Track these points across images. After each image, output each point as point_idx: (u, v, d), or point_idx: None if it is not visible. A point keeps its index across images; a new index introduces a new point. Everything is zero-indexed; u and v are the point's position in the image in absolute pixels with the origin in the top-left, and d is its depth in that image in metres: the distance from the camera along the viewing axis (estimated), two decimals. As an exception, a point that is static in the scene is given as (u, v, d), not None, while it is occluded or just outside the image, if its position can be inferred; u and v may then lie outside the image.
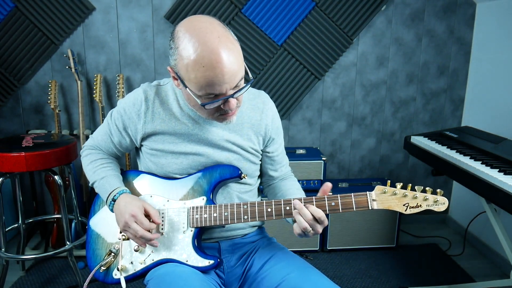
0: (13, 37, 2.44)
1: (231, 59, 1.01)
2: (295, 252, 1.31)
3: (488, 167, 1.58)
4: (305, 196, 1.17)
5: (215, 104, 1.07)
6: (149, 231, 1.14)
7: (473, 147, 1.84)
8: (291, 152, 2.49)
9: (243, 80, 1.08)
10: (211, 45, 0.99)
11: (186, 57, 1.01)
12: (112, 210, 1.19)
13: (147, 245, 1.17)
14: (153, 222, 1.15)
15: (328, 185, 1.12)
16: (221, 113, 1.11)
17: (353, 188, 2.52)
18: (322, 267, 2.39)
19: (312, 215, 1.08)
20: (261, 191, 1.43)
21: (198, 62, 0.99)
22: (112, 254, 1.20)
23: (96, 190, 1.27)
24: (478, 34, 2.71)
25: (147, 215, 1.15)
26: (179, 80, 1.08)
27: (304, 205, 1.09)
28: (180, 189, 1.23)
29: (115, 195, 1.18)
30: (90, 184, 1.29)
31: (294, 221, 1.13)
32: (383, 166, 2.94)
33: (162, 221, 1.20)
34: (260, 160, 1.34)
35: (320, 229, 1.10)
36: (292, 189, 1.32)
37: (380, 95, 2.80)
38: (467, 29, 2.74)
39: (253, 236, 1.33)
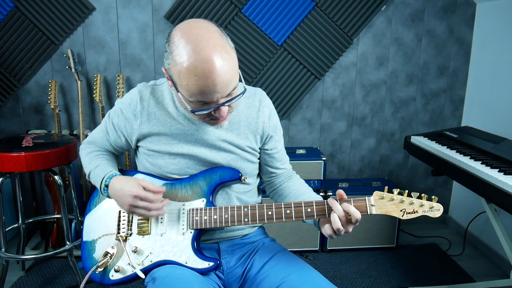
0: (13, 37, 2.44)
1: (225, 69, 0.99)
2: (295, 252, 1.32)
3: (488, 167, 1.58)
4: (321, 198, 1.18)
5: (205, 112, 1.06)
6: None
7: (473, 147, 1.84)
8: (291, 152, 2.49)
9: (236, 88, 1.07)
10: (205, 54, 0.98)
11: (179, 63, 1.00)
12: (109, 197, 1.20)
13: (146, 247, 1.17)
14: (156, 192, 1.14)
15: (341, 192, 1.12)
16: (212, 118, 1.11)
17: (353, 188, 2.52)
18: (322, 267, 2.39)
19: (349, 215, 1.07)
20: (261, 190, 1.42)
21: (191, 70, 0.98)
22: (109, 255, 1.18)
23: (92, 181, 1.27)
24: (478, 34, 2.71)
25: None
26: (171, 82, 1.08)
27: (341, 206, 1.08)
28: (179, 190, 1.22)
29: (106, 180, 1.18)
30: (87, 177, 1.29)
31: (316, 223, 1.17)
32: (383, 166, 2.94)
33: (161, 222, 1.19)
34: (259, 159, 1.33)
35: (351, 229, 1.10)
36: (304, 191, 1.31)
37: (380, 95, 2.80)
38: (467, 29, 2.74)
39: (253, 236, 1.33)
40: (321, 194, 2.43)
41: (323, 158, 2.43)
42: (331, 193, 2.42)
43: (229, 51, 1.02)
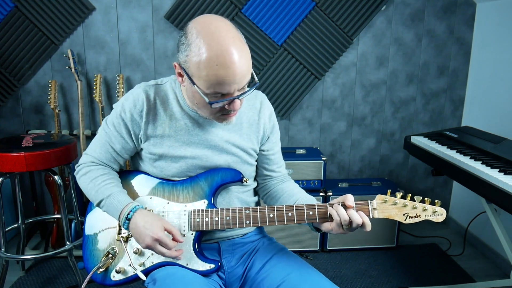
0: (13, 37, 2.44)
1: (243, 60, 1.02)
2: (295, 252, 1.31)
3: (488, 167, 1.58)
4: (316, 201, 1.18)
5: (222, 104, 1.07)
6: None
7: (473, 147, 1.84)
8: (291, 152, 2.49)
9: (247, 83, 1.09)
10: (226, 44, 1.00)
11: (199, 54, 1.01)
12: (127, 229, 1.14)
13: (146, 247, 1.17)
14: (175, 240, 1.12)
15: (349, 202, 1.10)
16: (223, 113, 1.11)
17: (353, 188, 2.52)
18: (322, 267, 2.39)
19: (350, 219, 1.08)
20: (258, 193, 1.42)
21: (212, 60, 0.99)
22: (110, 255, 1.18)
23: (103, 209, 1.20)
24: (478, 34, 2.71)
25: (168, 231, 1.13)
26: (185, 77, 1.08)
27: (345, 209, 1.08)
28: (180, 191, 1.22)
29: (128, 214, 1.13)
30: (95, 204, 1.21)
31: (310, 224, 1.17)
32: (383, 166, 2.94)
33: None
34: (256, 160, 1.34)
35: (349, 232, 1.11)
36: (297, 192, 1.31)
37: (380, 95, 2.80)
38: (467, 29, 2.74)
39: (252, 235, 1.33)
40: (321, 194, 2.43)
41: (323, 158, 2.43)
42: (331, 193, 2.42)
43: (245, 45, 1.05)
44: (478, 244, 2.64)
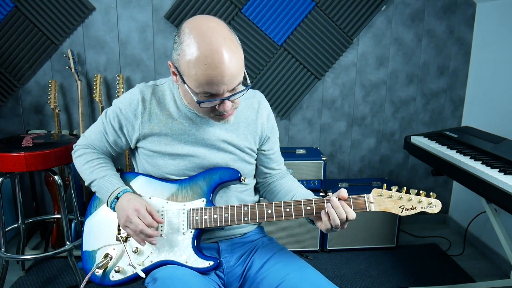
0: (13, 37, 2.44)
1: (233, 61, 1.02)
2: (295, 252, 1.32)
3: (488, 167, 1.58)
4: (314, 195, 1.19)
5: (211, 104, 1.08)
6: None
7: (473, 147, 1.84)
8: (291, 152, 2.50)
9: (240, 84, 1.09)
10: (216, 45, 1.00)
11: (189, 53, 1.02)
12: (113, 209, 1.19)
13: (146, 246, 1.17)
14: (154, 220, 1.15)
15: (344, 193, 1.12)
16: (216, 114, 1.12)
17: (353, 188, 2.52)
18: (322, 267, 2.39)
19: (346, 215, 1.09)
20: (258, 190, 1.43)
21: (201, 59, 1.00)
22: (109, 256, 1.19)
23: (94, 189, 1.26)
24: (478, 34, 2.71)
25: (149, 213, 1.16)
26: (178, 76, 1.09)
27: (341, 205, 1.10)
28: (179, 191, 1.23)
29: (118, 193, 1.18)
30: (86, 183, 1.27)
31: (310, 220, 1.18)
32: (383, 166, 2.94)
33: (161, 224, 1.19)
34: (256, 159, 1.34)
35: (346, 226, 1.12)
36: (295, 186, 1.32)
37: (380, 95, 2.80)
38: (467, 29, 2.74)
39: (252, 235, 1.33)
40: (321, 194, 2.43)
41: (323, 158, 2.43)
42: (331, 193, 2.42)
43: (237, 46, 1.05)
44: (478, 244, 2.64)
